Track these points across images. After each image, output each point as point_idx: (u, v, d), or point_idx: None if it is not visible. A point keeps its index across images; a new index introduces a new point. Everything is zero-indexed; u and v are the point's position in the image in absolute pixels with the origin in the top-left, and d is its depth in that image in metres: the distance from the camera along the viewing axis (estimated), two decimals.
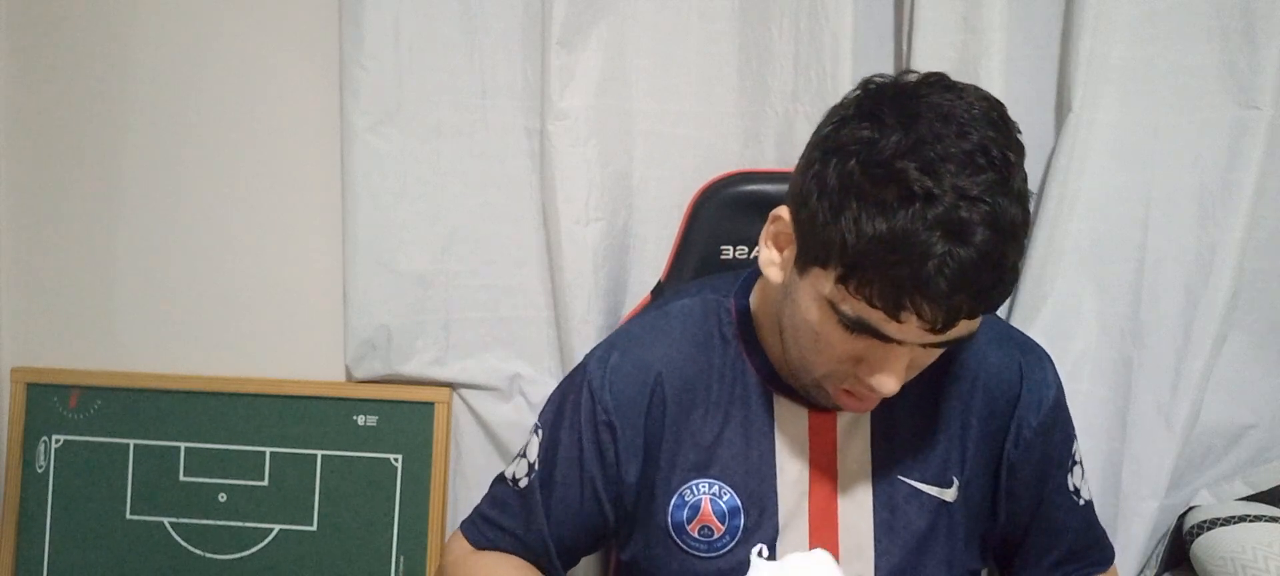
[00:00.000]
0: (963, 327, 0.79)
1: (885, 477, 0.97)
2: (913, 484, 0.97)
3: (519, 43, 1.33)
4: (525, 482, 1.03)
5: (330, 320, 1.41)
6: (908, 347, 0.81)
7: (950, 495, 0.97)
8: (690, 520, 0.97)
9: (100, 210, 1.42)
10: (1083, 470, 1.04)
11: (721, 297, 1.01)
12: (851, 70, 1.23)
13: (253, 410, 1.41)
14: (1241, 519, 1.21)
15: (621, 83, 1.31)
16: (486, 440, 1.43)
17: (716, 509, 0.97)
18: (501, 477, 1.07)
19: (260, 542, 1.41)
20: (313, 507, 1.40)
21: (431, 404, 1.40)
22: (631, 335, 1.02)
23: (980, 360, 0.98)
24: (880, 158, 0.76)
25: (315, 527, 1.40)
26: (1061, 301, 1.30)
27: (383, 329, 1.37)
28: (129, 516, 1.41)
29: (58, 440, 1.42)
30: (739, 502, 0.96)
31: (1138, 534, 1.30)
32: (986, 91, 0.81)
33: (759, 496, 0.96)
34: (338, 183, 1.35)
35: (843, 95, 0.85)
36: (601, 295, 1.33)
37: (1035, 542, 1.03)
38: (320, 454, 1.40)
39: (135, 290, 1.43)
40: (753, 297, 0.99)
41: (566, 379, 1.06)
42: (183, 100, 1.39)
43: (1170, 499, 1.30)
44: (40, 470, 1.42)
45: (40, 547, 1.41)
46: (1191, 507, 1.28)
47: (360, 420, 1.40)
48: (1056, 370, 1.01)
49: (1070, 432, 1.02)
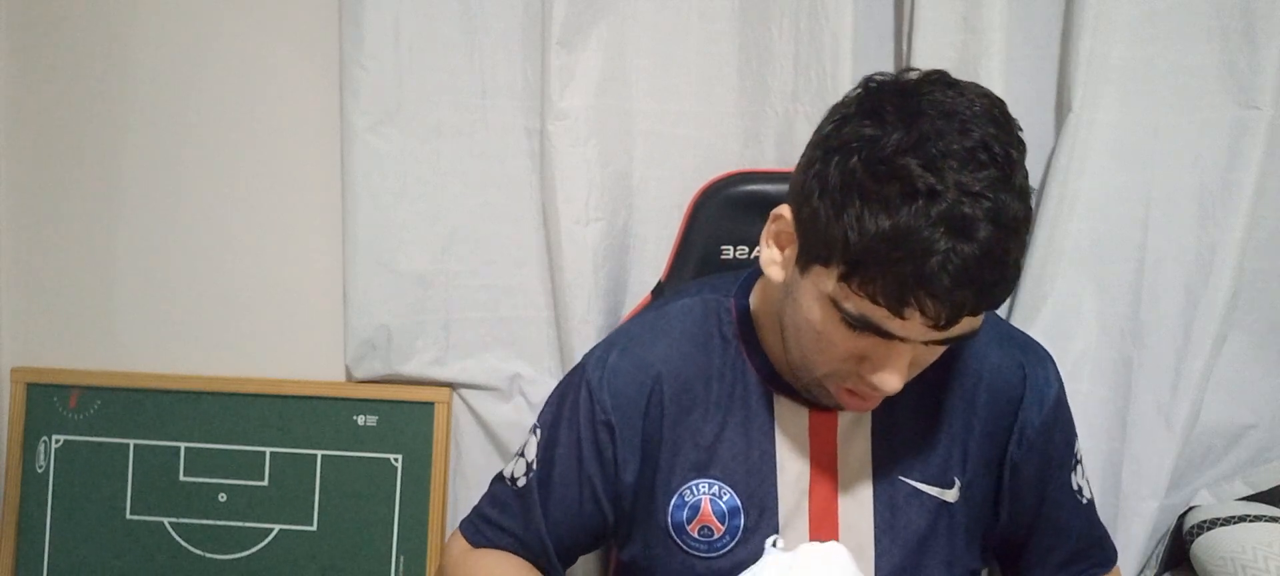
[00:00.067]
0: (966, 325, 0.79)
1: (886, 477, 0.96)
2: (913, 484, 0.97)
3: (519, 43, 1.33)
4: (523, 482, 1.03)
5: (330, 320, 1.41)
6: (911, 345, 0.81)
7: (951, 495, 0.97)
8: (690, 520, 0.97)
9: (100, 210, 1.42)
10: (1084, 469, 1.04)
11: (721, 297, 1.01)
12: (851, 70, 1.23)
13: (253, 410, 1.41)
14: (1241, 519, 1.21)
15: (621, 83, 1.31)
16: (486, 440, 1.42)
17: (716, 509, 0.96)
18: (500, 477, 1.07)
19: (260, 542, 1.40)
20: (313, 507, 1.40)
21: (431, 404, 1.40)
22: (631, 335, 1.02)
23: (982, 360, 0.98)
24: (882, 155, 0.76)
25: (315, 527, 1.40)
26: (1061, 301, 1.30)
27: (383, 329, 1.37)
28: (129, 516, 1.41)
29: (58, 440, 1.42)
30: (739, 502, 0.96)
31: (1138, 534, 1.30)
32: (987, 89, 0.81)
33: (759, 496, 0.96)
34: (338, 183, 1.35)
35: (843, 95, 0.85)
36: (601, 295, 1.33)
37: (1040, 543, 1.03)
38: (320, 454, 1.40)
39: (135, 290, 1.43)
40: (753, 297, 0.99)
41: (565, 378, 1.06)
42: (183, 100, 1.39)
43: (1170, 499, 1.30)
44: (40, 470, 1.42)
45: (40, 547, 1.41)
46: (1191, 507, 1.28)
47: (360, 420, 1.40)
48: (1057, 369, 1.01)
49: (1072, 432, 1.02)
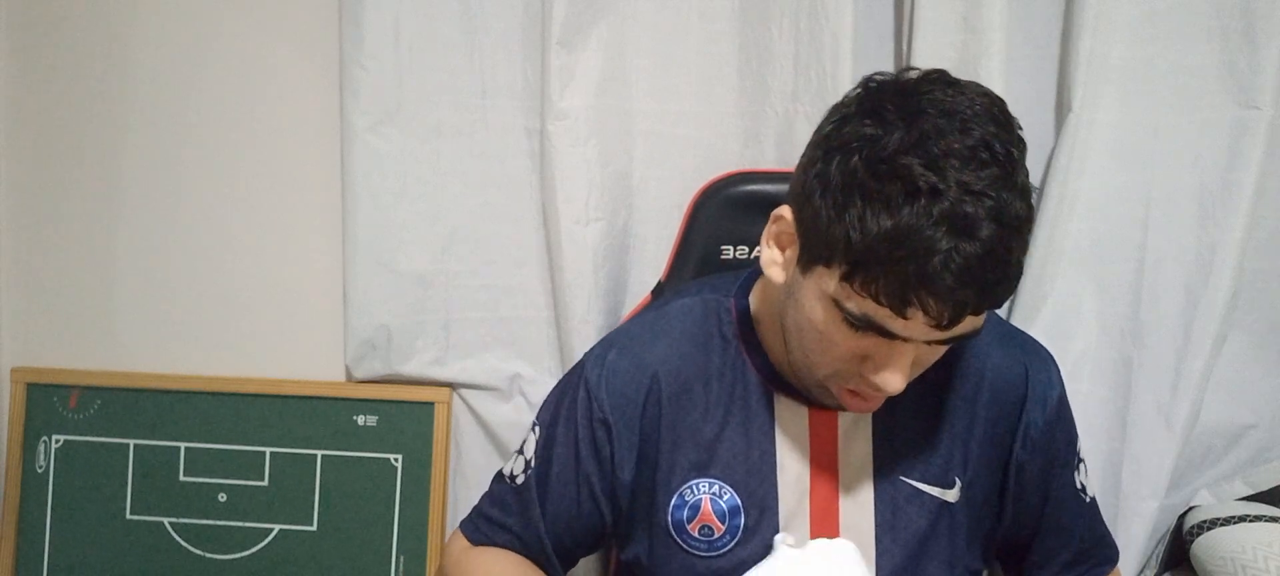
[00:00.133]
0: (968, 324, 0.79)
1: (887, 477, 0.96)
2: (914, 484, 0.96)
3: (519, 43, 1.33)
4: (522, 479, 1.03)
5: (330, 320, 1.41)
6: (913, 345, 0.81)
7: (952, 495, 0.97)
8: (690, 519, 0.97)
9: (100, 210, 1.42)
10: (1086, 468, 1.04)
11: (721, 297, 1.01)
12: (851, 70, 1.23)
13: (253, 410, 1.41)
14: (1241, 519, 1.21)
15: (621, 83, 1.31)
16: (486, 440, 1.42)
17: (717, 508, 0.96)
18: (500, 475, 1.07)
19: (260, 542, 1.40)
20: (313, 507, 1.40)
21: (431, 404, 1.40)
22: (630, 334, 1.02)
23: (984, 360, 0.97)
24: (884, 154, 0.76)
25: (315, 527, 1.40)
26: (1061, 301, 1.30)
27: (383, 329, 1.37)
28: (129, 516, 1.41)
29: (58, 440, 1.42)
30: (739, 502, 0.96)
31: (1138, 534, 1.30)
32: (987, 88, 0.81)
33: (759, 496, 0.96)
34: (338, 183, 1.35)
35: (843, 95, 0.85)
36: (601, 295, 1.33)
37: (1044, 544, 1.03)
38: (320, 454, 1.40)
39: (135, 290, 1.43)
40: (753, 297, 0.99)
41: (564, 377, 1.06)
42: (183, 100, 1.39)
43: (1170, 499, 1.30)
44: (40, 470, 1.42)
45: (40, 547, 1.41)
46: (1191, 507, 1.28)
47: (360, 420, 1.40)
48: (1059, 369, 1.01)
49: (1073, 432, 1.02)
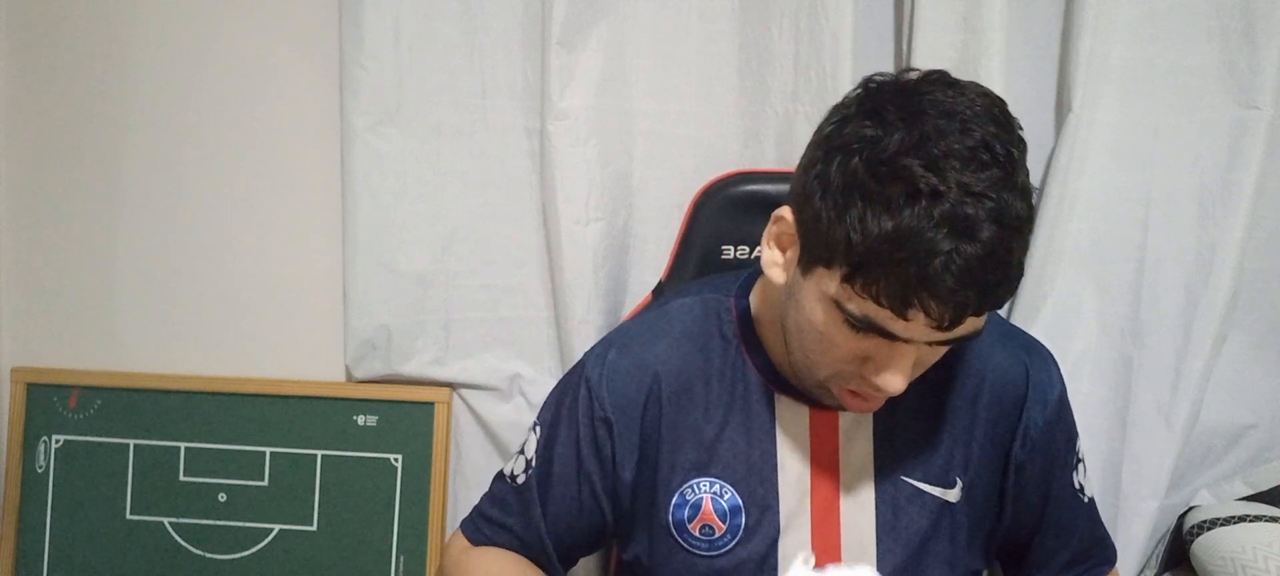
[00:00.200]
0: (969, 325, 0.79)
1: (888, 477, 0.96)
2: (915, 484, 0.96)
3: (519, 43, 1.33)
4: (523, 479, 1.03)
5: (330, 320, 1.41)
6: (914, 346, 0.81)
7: (953, 495, 0.97)
8: (691, 519, 0.97)
9: (100, 210, 1.42)
10: (1085, 468, 1.04)
11: (722, 297, 1.01)
12: (851, 70, 1.23)
13: (253, 410, 1.41)
14: (1241, 519, 1.21)
15: (621, 83, 1.31)
16: (486, 440, 1.42)
17: (717, 508, 0.96)
18: (501, 475, 1.07)
19: (260, 542, 1.40)
20: (313, 507, 1.40)
21: (431, 404, 1.40)
22: (630, 334, 1.02)
23: (985, 360, 0.97)
24: (884, 155, 0.76)
25: (315, 527, 1.40)
26: (1061, 301, 1.30)
27: (383, 329, 1.37)
28: (129, 516, 1.41)
29: (58, 440, 1.42)
30: (740, 501, 0.96)
31: (1138, 534, 1.30)
32: (987, 88, 0.81)
33: (760, 495, 0.96)
34: (338, 183, 1.35)
35: (843, 95, 0.85)
36: (601, 295, 1.33)
37: (1044, 544, 1.03)
38: (320, 454, 1.40)
39: (135, 290, 1.43)
40: (753, 297, 0.99)
41: (565, 377, 1.06)
42: (183, 100, 1.39)
43: (1170, 499, 1.30)
44: (40, 470, 1.42)
45: (40, 547, 1.41)
46: (1191, 507, 1.28)
47: (360, 420, 1.40)
48: (1059, 369, 1.01)
49: (1073, 431, 1.02)
